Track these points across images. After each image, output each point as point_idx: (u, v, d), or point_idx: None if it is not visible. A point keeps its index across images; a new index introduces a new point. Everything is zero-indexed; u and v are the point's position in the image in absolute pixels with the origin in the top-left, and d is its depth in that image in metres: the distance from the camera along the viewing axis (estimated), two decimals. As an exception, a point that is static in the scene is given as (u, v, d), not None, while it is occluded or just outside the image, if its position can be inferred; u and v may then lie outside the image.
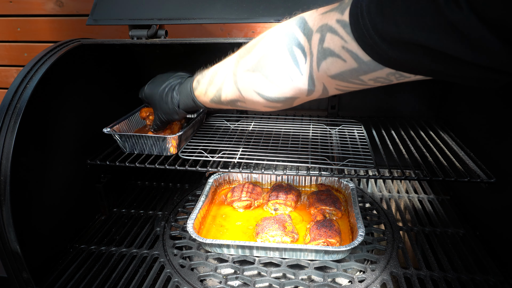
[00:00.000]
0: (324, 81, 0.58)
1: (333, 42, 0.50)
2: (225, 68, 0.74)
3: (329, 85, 0.58)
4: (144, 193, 1.28)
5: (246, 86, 0.69)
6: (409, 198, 1.20)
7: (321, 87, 0.60)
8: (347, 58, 0.49)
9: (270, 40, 0.64)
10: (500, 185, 0.89)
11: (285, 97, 0.66)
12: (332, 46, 0.51)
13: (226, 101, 0.77)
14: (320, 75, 0.57)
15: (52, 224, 0.93)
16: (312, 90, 0.62)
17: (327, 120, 1.29)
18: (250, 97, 0.69)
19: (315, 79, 0.59)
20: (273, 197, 1.11)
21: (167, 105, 0.91)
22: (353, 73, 0.51)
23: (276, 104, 0.69)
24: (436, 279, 0.85)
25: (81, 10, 1.59)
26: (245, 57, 0.68)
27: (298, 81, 0.61)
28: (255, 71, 0.65)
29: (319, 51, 0.54)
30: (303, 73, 0.60)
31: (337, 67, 0.52)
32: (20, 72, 0.83)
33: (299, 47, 0.58)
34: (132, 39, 0.98)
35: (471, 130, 1.10)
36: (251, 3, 0.95)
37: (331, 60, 0.52)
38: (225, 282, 0.86)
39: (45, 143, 0.89)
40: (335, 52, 0.51)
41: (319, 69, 0.56)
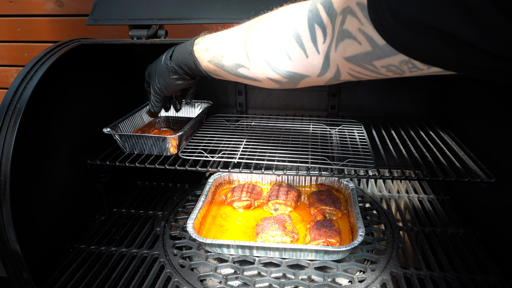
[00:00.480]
0: (338, 63, 0.57)
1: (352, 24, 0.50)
2: (236, 30, 0.71)
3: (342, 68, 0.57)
4: (144, 193, 1.28)
5: (257, 51, 0.66)
6: (409, 198, 1.20)
7: (335, 69, 0.59)
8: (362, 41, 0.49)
9: (290, 12, 0.62)
10: (500, 185, 0.89)
11: (295, 73, 0.64)
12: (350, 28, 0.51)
13: (228, 64, 0.72)
14: (336, 56, 0.56)
15: (52, 224, 0.93)
16: (325, 70, 0.60)
17: (327, 120, 1.29)
18: (257, 65, 0.66)
19: (331, 60, 0.58)
20: (273, 197, 1.11)
21: (160, 62, 0.85)
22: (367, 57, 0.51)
23: (283, 79, 0.66)
24: (436, 279, 0.85)
25: (81, 10, 1.59)
26: (261, 22, 0.65)
27: (313, 59, 0.60)
28: (269, 38, 0.63)
29: (339, 32, 0.54)
30: (320, 52, 0.59)
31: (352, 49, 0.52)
32: (20, 72, 0.83)
33: (320, 26, 0.57)
34: (132, 39, 0.98)
35: (471, 130, 1.10)
36: (251, 3, 0.95)
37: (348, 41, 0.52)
38: (225, 282, 0.86)
39: (45, 143, 0.89)
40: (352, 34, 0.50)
41: (336, 50, 0.55)
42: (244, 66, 0.69)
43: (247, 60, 0.68)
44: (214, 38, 0.75)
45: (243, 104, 1.41)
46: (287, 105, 1.42)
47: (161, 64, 0.85)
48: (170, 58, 0.84)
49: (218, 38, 0.74)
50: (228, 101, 1.42)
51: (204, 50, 0.77)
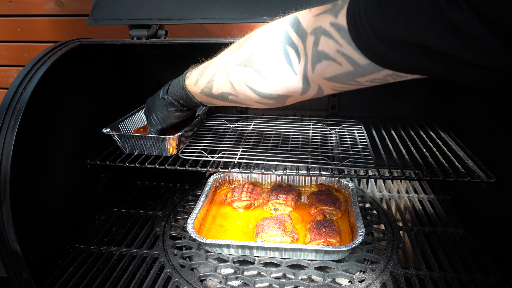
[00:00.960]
0: (319, 82, 0.57)
1: (328, 45, 0.50)
2: (217, 61, 0.74)
3: (324, 86, 0.58)
4: (144, 193, 1.28)
5: (238, 79, 0.68)
6: (409, 198, 1.20)
7: (316, 88, 0.60)
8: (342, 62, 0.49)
9: (263, 36, 0.63)
10: (500, 185, 0.89)
11: (277, 94, 0.65)
12: (326, 49, 0.51)
13: (217, 94, 0.76)
14: (315, 77, 0.57)
15: (52, 224, 0.93)
16: (307, 89, 0.61)
17: (327, 120, 1.29)
18: (243, 91, 0.69)
19: (310, 80, 0.59)
20: (273, 197, 1.11)
21: (158, 97, 0.90)
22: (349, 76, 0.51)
23: (269, 100, 0.68)
24: (436, 279, 0.85)
25: (81, 10, 1.59)
26: (237, 50, 0.67)
27: (291, 80, 0.61)
28: (247, 65, 0.65)
29: (314, 53, 0.54)
30: (297, 73, 0.59)
31: (332, 70, 0.52)
32: (20, 72, 0.83)
33: (292, 47, 0.58)
34: (132, 39, 0.98)
35: (471, 130, 1.10)
36: (251, 3, 0.95)
37: (326, 63, 0.52)
38: (225, 282, 0.86)
39: (45, 143, 0.89)
40: (330, 55, 0.50)
41: (314, 71, 0.56)
42: (232, 94, 0.72)
43: (233, 88, 0.70)
44: (201, 71, 0.78)
45: (243, 104, 1.41)
46: (287, 105, 1.42)
47: (159, 99, 0.90)
48: (167, 92, 0.89)
49: (204, 71, 0.77)
50: (228, 101, 1.42)
51: (193, 84, 0.81)
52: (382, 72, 0.47)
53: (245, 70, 0.66)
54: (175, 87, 0.86)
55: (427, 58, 0.39)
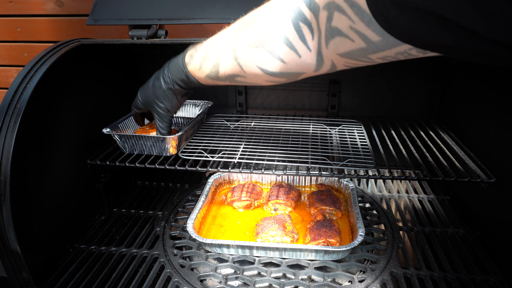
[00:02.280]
0: (333, 58, 0.56)
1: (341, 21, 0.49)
2: (221, 42, 0.71)
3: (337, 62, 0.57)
4: (144, 193, 1.28)
5: (249, 61, 0.66)
6: (409, 198, 1.20)
7: (330, 63, 0.58)
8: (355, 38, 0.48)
9: (273, 14, 0.61)
10: (500, 185, 0.89)
11: (291, 72, 0.64)
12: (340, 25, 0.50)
13: (224, 76, 0.74)
14: (329, 53, 0.56)
15: (52, 224, 0.93)
16: (321, 65, 0.60)
17: (327, 120, 1.29)
18: (253, 72, 0.67)
19: (324, 56, 0.57)
20: (273, 197, 1.11)
21: (161, 88, 0.87)
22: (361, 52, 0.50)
23: (281, 78, 0.67)
24: (436, 279, 0.85)
25: (81, 10, 1.59)
26: (245, 31, 0.65)
27: (306, 57, 0.59)
28: (258, 46, 0.63)
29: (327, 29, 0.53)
30: (311, 49, 0.58)
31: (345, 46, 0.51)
32: (20, 72, 0.83)
33: (305, 23, 0.56)
34: (132, 39, 0.98)
35: (471, 130, 1.10)
36: (251, 3, 0.95)
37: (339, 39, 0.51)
38: (225, 282, 0.86)
39: (45, 143, 0.89)
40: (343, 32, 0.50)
41: (328, 47, 0.55)
42: (241, 76, 0.70)
43: (242, 70, 0.68)
44: (203, 55, 0.76)
45: (243, 104, 1.41)
46: (287, 105, 1.42)
47: (165, 89, 0.87)
48: (171, 80, 0.85)
49: (207, 54, 0.74)
50: (228, 101, 1.42)
51: (197, 69, 0.78)
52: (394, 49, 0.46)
53: (256, 51, 0.64)
54: (177, 74, 0.83)
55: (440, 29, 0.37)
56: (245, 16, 0.67)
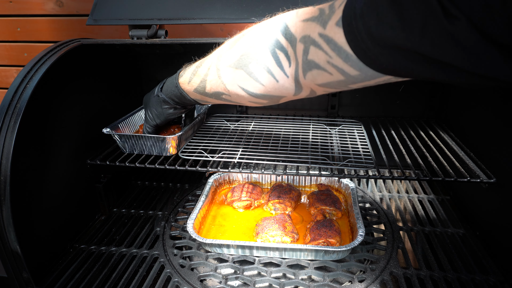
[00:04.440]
0: (311, 87, 0.58)
1: (317, 56, 0.50)
2: (209, 60, 0.74)
3: (316, 90, 0.58)
4: (144, 193, 1.28)
5: (230, 81, 0.68)
6: (409, 198, 1.20)
7: (309, 90, 0.60)
8: (333, 72, 0.49)
9: (252, 39, 0.63)
10: (500, 185, 0.89)
11: (271, 95, 0.65)
12: (316, 59, 0.51)
13: (210, 93, 0.76)
14: (307, 82, 0.57)
15: (52, 224, 0.93)
16: (299, 91, 0.61)
17: (327, 120, 1.29)
18: (235, 92, 0.69)
19: (302, 84, 0.59)
20: (273, 197, 1.11)
21: (153, 94, 0.91)
22: (340, 84, 0.51)
23: (262, 100, 0.68)
24: (436, 279, 0.85)
25: (81, 10, 1.59)
26: (227, 52, 0.67)
27: (283, 82, 0.61)
28: (238, 68, 0.65)
29: (304, 61, 0.54)
30: (288, 76, 0.59)
31: (323, 78, 0.52)
32: (20, 72, 0.83)
33: (282, 51, 0.58)
34: (132, 39, 0.98)
35: (471, 129, 1.10)
36: (251, 3, 0.95)
37: (317, 72, 0.52)
38: (225, 282, 0.86)
39: (45, 143, 0.89)
40: (321, 65, 0.51)
41: (305, 78, 0.56)
42: (225, 94, 0.72)
43: (226, 89, 0.70)
44: (194, 70, 0.78)
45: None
46: (287, 105, 1.42)
47: (154, 96, 0.91)
48: (161, 90, 0.89)
49: (197, 70, 0.77)
50: (228, 101, 1.42)
51: (187, 82, 0.81)
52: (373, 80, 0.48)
53: (236, 72, 0.66)
54: (169, 85, 0.87)
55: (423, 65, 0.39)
56: (232, 37, 0.69)
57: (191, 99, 0.85)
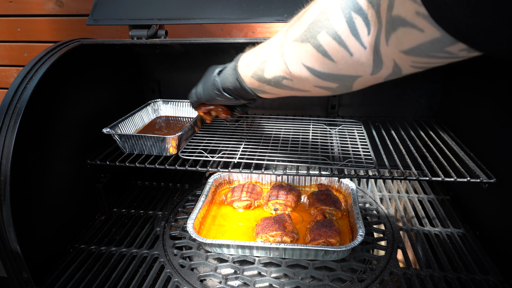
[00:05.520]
0: (395, 57, 0.45)
1: (404, 7, 0.39)
2: (273, 39, 0.63)
3: (402, 63, 0.46)
4: (144, 193, 1.28)
5: (294, 58, 0.57)
6: (409, 198, 1.20)
7: (391, 65, 0.47)
8: (424, 27, 0.37)
9: (321, 3, 0.51)
10: (500, 185, 0.89)
11: (342, 75, 0.53)
12: (403, 13, 0.39)
13: (269, 78, 0.65)
14: (390, 51, 0.45)
15: (52, 224, 0.93)
16: (379, 68, 0.49)
17: (327, 120, 1.29)
18: (299, 73, 0.58)
19: (383, 55, 0.47)
20: (273, 197, 1.11)
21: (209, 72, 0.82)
22: (435, 45, 0.38)
23: (331, 84, 0.57)
24: (436, 279, 0.85)
25: (81, 10, 1.59)
26: (294, 25, 0.57)
27: (359, 56, 0.49)
28: (304, 41, 0.54)
29: (388, 21, 0.42)
30: (366, 46, 0.48)
31: (412, 39, 0.40)
32: (20, 72, 0.83)
33: (359, 14, 0.46)
34: (132, 39, 0.98)
35: (471, 130, 1.10)
36: (251, 3, 0.95)
37: (403, 31, 0.40)
38: (225, 282, 0.86)
39: (45, 143, 0.89)
40: (408, 20, 0.39)
41: (388, 43, 0.44)
42: (287, 78, 0.61)
43: (287, 70, 0.60)
44: (256, 51, 0.68)
45: (243, 104, 1.41)
46: (287, 105, 1.42)
47: (212, 76, 0.80)
48: (218, 74, 0.79)
49: (259, 51, 0.67)
50: (228, 101, 1.42)
51: (246, 64, 0.70)
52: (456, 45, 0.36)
53: (302, 46, 0.55)
54: (228, 69, 0.75)
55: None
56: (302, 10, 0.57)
57: (247, 88, 0.72)
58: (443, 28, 0.35)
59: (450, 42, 0.36)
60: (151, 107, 1.26)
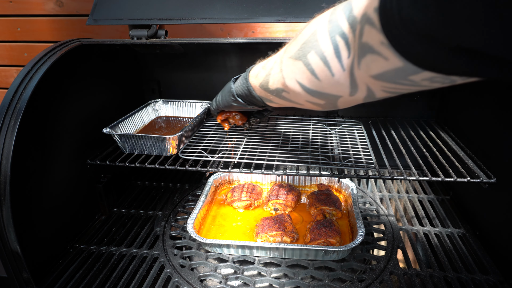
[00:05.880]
0: (367, 81, 0.49)
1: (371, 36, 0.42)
2: (277, 54, 0.69)
3: (373, 87, 0.49)
4: (144, 193, 1.28)
5: (290, 74, 0.62)
6: (409, 198, 1.20)
7: (365, 88, 0.51)
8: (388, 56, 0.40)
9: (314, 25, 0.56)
10: (500, 185, 0.89)
11: (327, 94, 0.58)
12: (370, 40, 0.42)
13: (272, 89, 0.71)
14: (362, 75, 0.48)
15: (52, 224, 0.93)
16: (355, 90, 0.53)
17: (327, 120, 1.29)
18: (293, 87, 0.63)
19: (357, 78, 0.50)
20: (273, 197, 1.11)
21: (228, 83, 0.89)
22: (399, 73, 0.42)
23: (318, 100, 0.61)
24: (436, 279, 0.85)
25: (81, 10, 1.59)
26: (292, 42, 0.62)
27: (339, 77, 0.53)
28: (297, 59, 0.59)
29: (359, 46, 0.46)
30: (345, 69, 0.51)
31: (378, 66, 0.43)
32: (20, 72, 0.83)
33: (342, 37, 0.50)
34: (132, 39, 0.98)
35: (471, 130, 1.10)
36: (251, 3, 0.95)
37: (371, 57, 0.44)
38: (225, 282, 0.86)
39: (45, 143, 0.89)
40: (374, 48, 0.42)
41: (360, 67, 0.48)
42: (285, 91, 0.67)
43: (285, 84, 0.65)
44: (264, 64, 0.74)
45: (243, 104, 1.41)
46: (287, 105, 1.42)
47: (229, 85, 0.88)
48: (234, 82, 0.87)
49: (266, 63, 0.73)
50: (228, 101, 1.42)
51: (255, 75, 0.77)
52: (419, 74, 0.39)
53: (295, 63, 0.60)
54: (241, 78, 0.83)
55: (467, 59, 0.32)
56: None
57: (256, 96, 0.79)
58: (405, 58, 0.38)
59: (412, 71, 0.39)
60: (151, 107, 1.26)
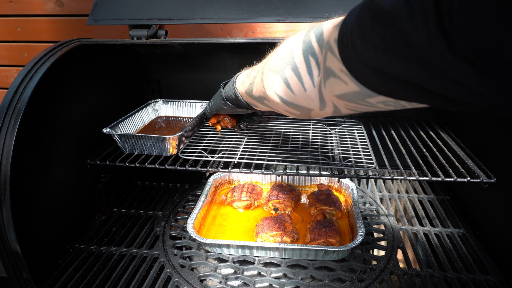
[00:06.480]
0: (332, 99, 0.54)
1: (333, 62, 0.47)
2: (260, 64, 0.74)
3: (338, 104, 0.54)
4: (144, 193, 1.28)
5: (269, 85, 0.67)
6: (409, 198, 1.20)
7: (332, 105, 0.56)
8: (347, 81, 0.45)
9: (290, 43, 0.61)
10: (500, 185, 0.89)
11: (301, 106, 0.63)
12: (332, 66, 0.48)
13: (256, 96, 0.76)
14: (327, 93, 0.54)
15: (52, 224, 0.93)
16: (324, 106, 0.58)
17: (327, 120, 1.29)
18: (272, 97, 0.67)
19: (324, 95, 0.55)
20: (273, 197, 1.11)
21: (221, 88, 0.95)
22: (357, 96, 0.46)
23: (294, 110, 0.66)
24: (436, 279, 0.85)
25: (81, 10, 1.59)
26: (272, 56, 0.67)
27: (310, 93, 0.58)
28: (275, 71, 0.64)
29: (324, 69, 0.51)
30: (315, 85, 0.56)
31: (339, 88, 0.48)
32: (20, 72, 0.83)
33: (313, 57, 0.55)
34: (132, 39, 0.98)
35: (471, 130, 1.10)
36: (251, 3, 0.95)
37: (333, 80, 0.49)
38: (225, 282, 0.86)
39: (45, 143, 0.89)
40: (336, 73, 0.47)
41: (325, 87, 0.53)
42: (266, 99, 0.71)
43: (266, 93, 0.69)
44: (248, 73, 0.80)
45: (243, 104, 1.41)
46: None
47: (220, 90, 0.95)
48: (223, 87, 0.94)
49: (250, 72, 0.79)
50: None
51: (240, 83, 0.83)
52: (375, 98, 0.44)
53: (274, 76, 0.64)
54: (229, 83, 0.89)
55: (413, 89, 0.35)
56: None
57: (243, 101, 0.86)
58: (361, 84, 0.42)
59: (368, 95, 0.44)
60: (151, 107, 1.26)
